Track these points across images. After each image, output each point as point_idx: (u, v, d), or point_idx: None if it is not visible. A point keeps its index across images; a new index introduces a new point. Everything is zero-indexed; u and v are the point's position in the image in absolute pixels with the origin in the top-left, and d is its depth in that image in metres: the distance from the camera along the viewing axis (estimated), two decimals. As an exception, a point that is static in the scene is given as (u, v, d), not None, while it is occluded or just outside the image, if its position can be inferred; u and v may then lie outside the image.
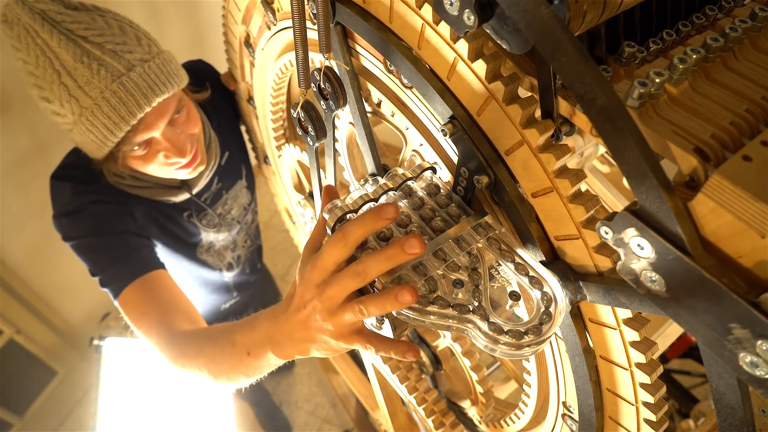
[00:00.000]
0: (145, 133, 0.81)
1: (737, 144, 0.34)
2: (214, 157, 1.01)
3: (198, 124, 0.91)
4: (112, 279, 0.89)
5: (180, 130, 0.87)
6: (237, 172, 1.17)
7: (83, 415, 2.06)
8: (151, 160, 0.87)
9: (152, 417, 1.32)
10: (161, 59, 0.80)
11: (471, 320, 0.42)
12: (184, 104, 0.87)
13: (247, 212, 1.23)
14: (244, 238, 1.26)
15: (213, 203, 1.12)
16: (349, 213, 0.48)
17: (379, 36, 0.48)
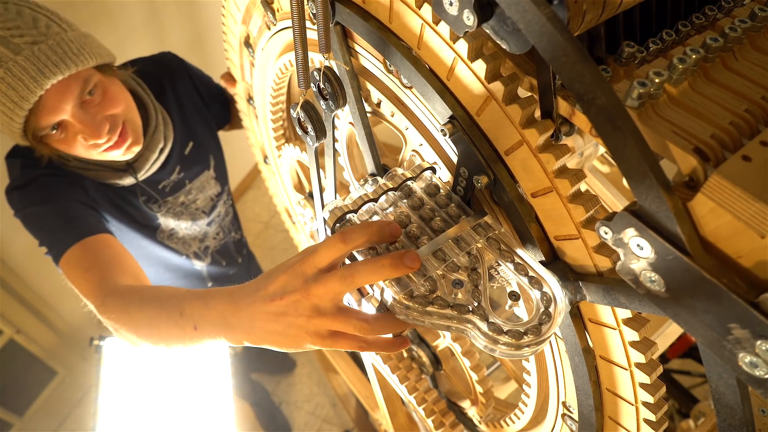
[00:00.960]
0: (50, 116, 0.80)
1: (737, 144, 0.34)
2: (161, 141, 1.01)
3: (119, 103, 0.88)
4: (55, 242, 0.88)
5: (95, 111, 0.85)
6: (203, 163, 1.16)
7: (83, 415, 2.06)
8: (72, 143, 0.86)
9: (152, 417, 1.32)
10: (56, 40, 0.78)
11: (470, 320, 0.42)
12: (97, 84, 0.85)
13: (216, 204, 1.22)
14: (216, 230, 1.26)
15: (174, 192, 1.11)
16: (349, 213, 0.48)
17: (379, 36, 0.48)
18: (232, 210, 1.32)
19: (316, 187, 0.68)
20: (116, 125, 0.88)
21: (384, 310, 0.47)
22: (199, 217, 1.18)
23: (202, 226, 1.20)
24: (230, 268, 1.35)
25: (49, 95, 0.78)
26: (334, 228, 0.48)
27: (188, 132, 1.11)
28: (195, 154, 1.13)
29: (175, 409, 1.33)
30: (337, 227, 0.48)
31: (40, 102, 0.78)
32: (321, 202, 0.70)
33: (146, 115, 0.99)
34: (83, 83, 0.82)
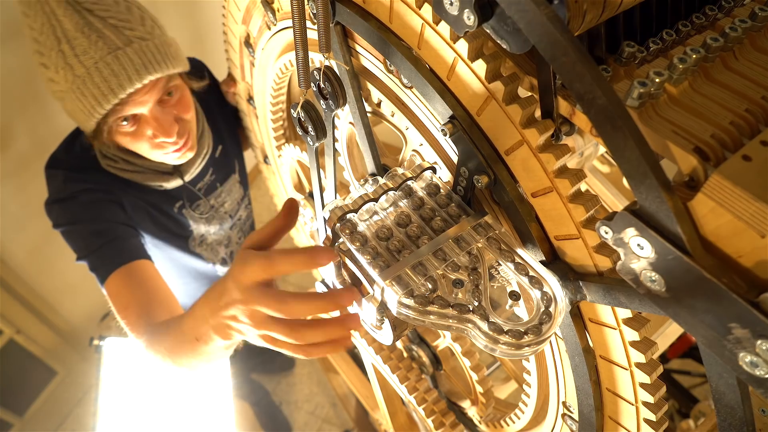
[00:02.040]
0: (133, 108, 0.84)
1: (737, 144, 0.34)
2: (206, 146, 1.04)
3: (190, 110, 0.93)
4: (98, 264, 0.91)
5: (169, 111, 0.89)
6: (230, 166, 1.19)
7: (83, 415, 2.06)
8: (139, 138, 0.89)
9: (152, 417, 1.32)
10: (161, 41, 0.83)
11: (471, 320, 0.42)
12: (178, 88, 0.90)
13: (240, 207, 1.25)
14: (238, 234, 1.28)
15: (207, 194, 1.14)
16: (349, 213, 0.49)
17: (379, 36, 0.48)
18: (251, 215, 1.35)
19: (316, 187, 0.68)
20: (185, 130, 0.93)
21: (384, 311, 0.47)
22: (225, 221, 1.21)
23: (226, 230, 1.23)
24: None
25: (141, 89, 0.82)
26: (335, 228, 0.48)
27: (217, 136, 1.14)
28: (224, 157, 1.16)
29: (175, 409, 1.33)
30: (337, 227, 0.48)
31: (132, 93, 0.81)
32: (321, 202, 0.70)
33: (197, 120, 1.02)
34: (167, 83, 0.87)
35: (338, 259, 0.48)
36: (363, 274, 0.50)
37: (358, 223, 0.49)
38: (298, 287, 2.43)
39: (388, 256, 0.46)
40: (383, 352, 0.83)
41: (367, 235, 0.48)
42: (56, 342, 2.13)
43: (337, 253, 0.52)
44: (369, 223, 0.49)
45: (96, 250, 0.91)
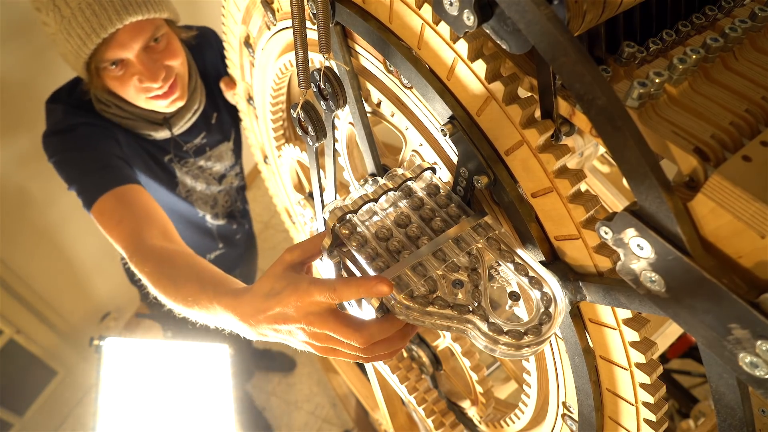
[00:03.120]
0: (117, 51, 0.88)
1: (737, 144, 0.34)
2: (198, 102, 1.09)
3: (178, 56, 0.97)
4: (88, 187, 0.91)
5: (157, 57, 0.93)
6: (225, 134, 1.24)
7: (83, 415, 2.07)
8: (127, 82, 0.93)
9: (152, 417, 1.32)
10: None
11: (471, 320, 0.42)
12: (164, 34, 0.93)
13: (229, 174, 1.31)
14: (224, 198, 1.34)
15: (196, 155, 1.20)
16: (349, 213, 0.48)
17: (379, 36, 0.48)
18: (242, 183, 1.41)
19: (316, 187, 0.68)
20: (171, 75, 0.96)
21: (384, 311, 0.47)
22: (212, 183, 1.27)
23: (213, 191, 1.28)
24: (237, 232, 1.44)
25: (124, 31, 0.85)
26: (334, 228, 0.48)
27: (213, 103, 1.18)
28: (218, 124, 1.21)
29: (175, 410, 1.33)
30: (337, 227, 0.48)
31: (115, 35, 0.85)
32: (321, 202, 0.70)
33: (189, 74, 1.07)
34: (154, 29, 0.90)
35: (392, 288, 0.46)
36: (363, 275, 0.50)
37: (357, 224, 0.49)
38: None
39: (387, 257, 0.46)
40: (383, 352, 0.83)
41: (367, 235, 0.48)
42: (56, 342, 2.13)
43: (336, 253, 0.52)
44: (369, 224, 0.49)
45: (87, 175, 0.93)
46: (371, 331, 0.47)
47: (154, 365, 1.36)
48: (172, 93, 0.98)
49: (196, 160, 1.20)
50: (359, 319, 0.48)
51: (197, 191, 1.25)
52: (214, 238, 1.37)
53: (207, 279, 0.65)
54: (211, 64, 1.18)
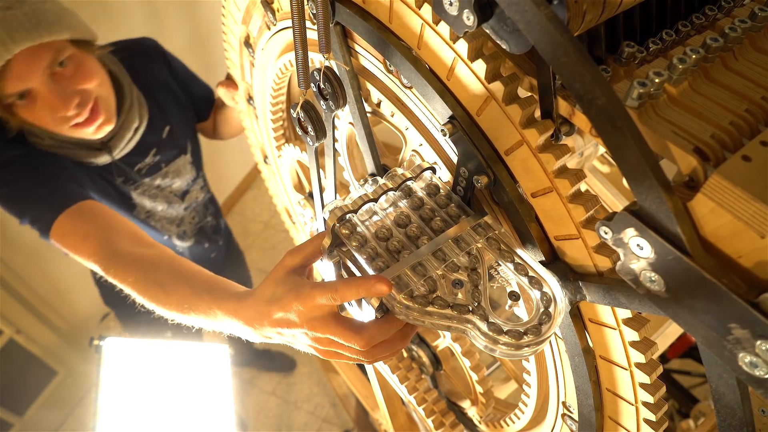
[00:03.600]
0: (16, 83, 0.80)
1: (737, 144, 0.34)
2: (137, 120, 1.01)
3: (92, 78, 0.88)
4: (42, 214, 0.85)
5: (66, 83, 0.85)
6: (180, 147, 1.17)
7: (83, 415, 2.06)
8: (40, 113, 0.85)
9: (152, 417, 1.32)
10: (32, 8, 0.78)
11: (470, 320, 0.42)
12: (71, 57, 0.85)
13: (191, 188, 1.23)
14: (191, 215, 1.26)
15: (150, 174, 1.12)
16: (349, 213, 0.48)
17: (379, 36, 0.48)
18: (209, 195, 1.33)
19: (316, 187, 0.68)
20: (87, 100, 0.87)
21: (384, 311, 0.47)
22: (174, 201, 1.19)
23: (178, 210, 1.21)
24: (211, 251, 1.37)
25: (17, 61, 0.78)
26: (334, 227, 0.48)
27: (163, 116, 1.11)
28: (171, 138, 1.14)
29: (175, 410, 1.33)
30: (337, 227, 0.48)
31: (8, 67, 0.78)
32: (321, 202, 0.70)
33: (121, 93, 0.99)
34: (55, 53, 0.81)
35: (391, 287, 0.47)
36: (363, 274, 0.50)
37: (357, 224, 0.49)
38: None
39: (387, 257, 0.46)
40: (383, 352, 0.83)
41: (367, 235, 0.48)
42: (56, 342, 2.13)
43: (336, 253, 0.52)
44: (369, 224, 0.49)
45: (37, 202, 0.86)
46: (371, 333, 0.47)
47: (154, 365, 1.36)
48: (95, 118, 0.89)
49: (152, 179, 1.13)
50: (359, 322, 0.48)
51: (158, 212, 1.17)
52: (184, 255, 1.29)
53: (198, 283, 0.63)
54: (154, 77, 1.11)
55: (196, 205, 1.27)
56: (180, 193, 1.20)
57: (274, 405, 2.20)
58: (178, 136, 1.16)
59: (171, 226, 1.22)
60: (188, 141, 1.19)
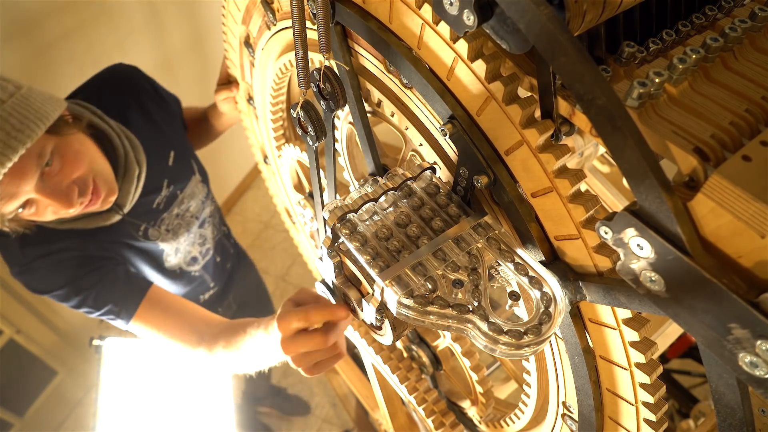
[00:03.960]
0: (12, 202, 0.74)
1: (737, 144, 0.34)
2: (136, 167, 0.94)
3: (80, 166, 0.81)
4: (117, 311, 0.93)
5: (57, 180, 0.78)
6: (188, 169, 1.13)
7: (83, 415, 2.06)
8: (44, 214, 0.80)
9: (152, 417, 1.32)
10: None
11: (470, 320, 0.42)
12: (56, 150, 0.77)
13: (205, 205, 1.20)
14: (211, 230, 1.24)
15: (168, 206, 1.08)
16: (349, 213, 0.48)
17: (379, 36, 0.48)
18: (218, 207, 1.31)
19: (316, 187, 0.68)
20: (86, 185, 0.82)
21: (384, 311, 0.47)
22: (192, 224, 1.16)
23: (195, 231, 1.18)
24: (225, 262, 1.35)
25: (3, 184, 0.71)
26: (334, 228, 0.48)
27: (165, 142, 1.06)
28: (179, 162, 1.09)
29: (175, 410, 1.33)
30: (337, 227, 0.48)
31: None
32: (321, 202, 0.70)
33: (112, 146, 0.92)
34: (37, 159, 0.74)
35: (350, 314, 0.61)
36: (363, 274, 0.50)
37: (357, 223, 0.49)
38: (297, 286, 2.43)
39: (387, 257, 0.46)
40: (383, 352, 0.83)
41: (367, 235, 0.48)
42: (56, 342, 2.13)
43: (336, 252, 0.52)
44: (369, 223, 0.49)
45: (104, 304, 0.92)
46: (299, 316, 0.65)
47: (154, 365, 1.36)
48: (98, 198, 0.84)
49: (171, 210, 1.08)
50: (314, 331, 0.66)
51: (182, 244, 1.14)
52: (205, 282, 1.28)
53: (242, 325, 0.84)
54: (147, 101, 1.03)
55: (212, 219, 1.25)
56: (197, 214, 1.17)
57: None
58: (184, 158, 1.11)
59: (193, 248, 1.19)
60: (192, 160, 1.15)
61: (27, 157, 0.72)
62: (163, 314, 0.93)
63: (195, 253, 1.21)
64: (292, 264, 2.62)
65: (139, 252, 1.04)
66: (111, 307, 0.92)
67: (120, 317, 0.93)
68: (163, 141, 1.05)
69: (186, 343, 0.91)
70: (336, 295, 0.62)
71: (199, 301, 1.29)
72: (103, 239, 0.97)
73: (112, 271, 0.95)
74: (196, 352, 0.90)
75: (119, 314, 0.93)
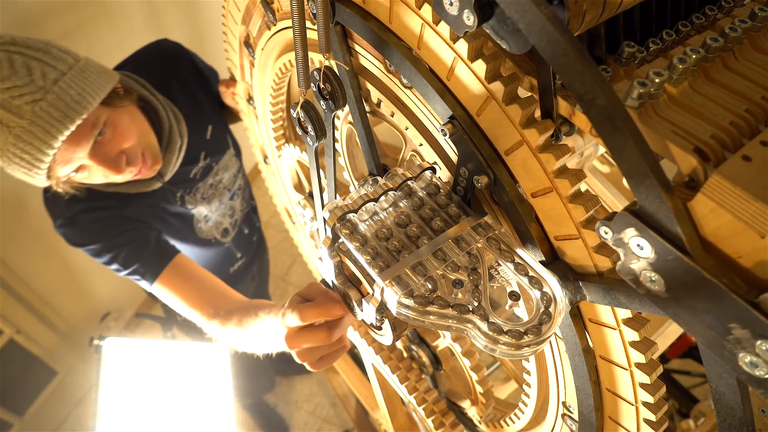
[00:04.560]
0: (68, 166, 0.82)
1: (737, 144, 0.34)
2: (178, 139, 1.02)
3: (131, 136, 0.88)
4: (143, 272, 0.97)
5: (109, 148, 0.85)
6: (224, 143, 1.19)
7: (83, 415, 2.06)
8: (95, 178, 0.88)
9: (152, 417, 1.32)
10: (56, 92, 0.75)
11: (470, 320, 0.42)
12: (108, 122, 0.84)
13: (237, 178, 1.26)
14: (240, 203, 1.31)
15: (204, 176, 1.15)
16: (349, 213, 0.48)
17: (379, 36, 0.48)
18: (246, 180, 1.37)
19: (316, 187, 0.68)
20: (134, 156, 0.90)
21: (384, 311, 0.47)
22: (224, 195, 1.23)
23: (227, 203, 1.25)
24: (252, 235, 1.42)
25: (61, 150, 0.78)
26: (334, 228, 0.48)
27: (203, 117, 1.11)
28: (216, 136, 1.15)
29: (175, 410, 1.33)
30: (337, 227, 0.48)
31: (54, 157, 0.78)
32: (321, 202, 0.70)
33: (158, 118, 0.99)
34: (92, 127, 0.81)
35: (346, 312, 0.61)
36: (363, 274, 0.50)
37: (357, 223, 0.49)
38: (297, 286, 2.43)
39: (387, 257, 0.46)
40: (383, 352, 0.83)
41: (367, 235, 0.48)
42: (56, 342, 2.13)
43: (336, 252, 0.52)
44: (369, 223, 0.49)
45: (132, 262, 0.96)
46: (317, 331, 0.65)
47: (154, 365, 1.36)
48: (145, 167, 0.92)
49: (206, 181, 1.16)
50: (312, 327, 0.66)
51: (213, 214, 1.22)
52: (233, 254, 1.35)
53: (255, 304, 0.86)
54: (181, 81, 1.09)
55: (242, 192, 1.31)
56: (229, 186, 1.24)
57: (274, 405, 2.20)
58: (221, 132, 1.18)
59: (224, 219, 1.26)
60: (228, 135, 1.21)
61: (83, 126, 0.79)
62: (185, 282, 0.96)
63: (226, 224, 1.27)
64: (292, 264, 2.62)
65: (173, 216, 1.11)
66: (137, 267, 0.96)
67: (144, 278, 0.97)
68: (203, 116, 1.12)
69: (202, 313, 0.93)
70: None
71: (228, 273, 1.37)
72: (143, 203, 1.04)
73: (144, 234, 0.99)
74: (210, 324, 0.92)
75: (144, 275, 0.97)
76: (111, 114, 0.85)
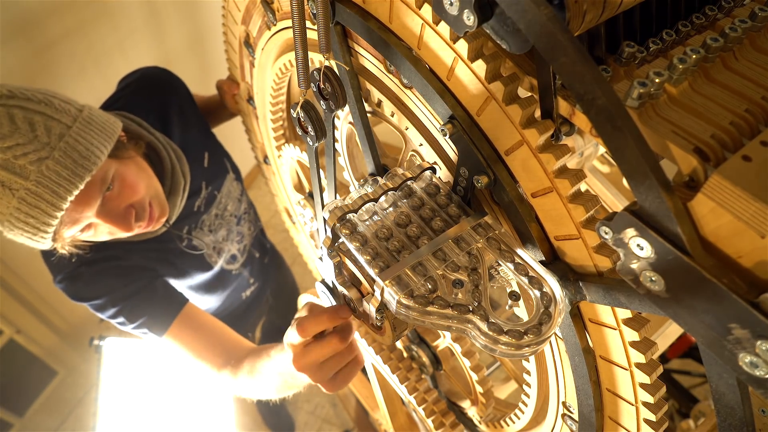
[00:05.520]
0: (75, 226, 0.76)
1: (737, 144, 0.34)
2: (182, 180, 0.96)
3: (138, 191, 0.82)
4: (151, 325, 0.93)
5: (115, 205, 0.79)
6: (223, 168, 1.13)
7: (83, 415, 2.06)
8: (102, 236, 0.82)
9: (152, 417, 1.32)
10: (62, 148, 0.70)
11: (471, 320, 0.42)
12: (116, 175, 0.78)
13: (242, 202, 1.20)
14: (248, 227, 1.25)
15: (208, 207, 1.08)
16: (349, 213, 0.48)
17: (379, 36, 0.48)
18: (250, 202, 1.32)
19: (316, 187, 0.68)
20: (142, 210, 0.83)
21: (384, 310, 0.47)
22: (231, 222, 1.16)
23: (234, 229, 1.19)
24: (263, 257, 1.36)
25: (68, 210, 0.72)
26: (334, 228, 0.48)
27: (199, 144, 1.06)
28: (213, 162, 1.09)
29: (175, 409, 1.33)
30: (337, 227, 0.48)
31: (61, 219, 0.72)
32: (321, 202, 0.70)
33: (159, 159, 0.94)
34: (101, 183, 0.75)
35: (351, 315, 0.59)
36: (363, 274, 0.50)
37: (357, 223, 0.49)
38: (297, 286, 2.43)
39: (387, 257, 0.46)
40: (383, 352, 0.83)
41: (367, 235, 0.48)
42: (56, 342, 2.13)
43: (336, 252, 0.52)
44: (369, 224, 0.49)
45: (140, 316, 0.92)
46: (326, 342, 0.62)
47: (154, 365, 1.36)
48: (152, 220, 0.85)
49: (209, 212, 1.09)
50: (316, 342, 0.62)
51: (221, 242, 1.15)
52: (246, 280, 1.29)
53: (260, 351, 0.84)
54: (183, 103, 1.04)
55: (248, 216, 1.25)
56: (236, 212, 1.18)
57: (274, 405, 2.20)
58: (218, 157, 1.12)
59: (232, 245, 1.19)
60: (225, 158, 1.15)
61: (92, 183, 0.73)
62: (194, 333, 0.93)
63: (234, 251, 1.21)
64: (292, 264, 2.61)
65: (181, 256, 1.05)
66: (144, 321, 0.92)
67: (152, 331, 0.92)
68: (198, 143, 1.05)
69: (212, 364, 0.91)
70: (336, 295, 0.62)
71: (241, 299, 1.31)
72: (149, 249, 0.98)
73: (151, 284, 0.94)
74: (221, 375, 0.90)
75: (152, 328, 0.92)
76: (119, 167, 0.79)
